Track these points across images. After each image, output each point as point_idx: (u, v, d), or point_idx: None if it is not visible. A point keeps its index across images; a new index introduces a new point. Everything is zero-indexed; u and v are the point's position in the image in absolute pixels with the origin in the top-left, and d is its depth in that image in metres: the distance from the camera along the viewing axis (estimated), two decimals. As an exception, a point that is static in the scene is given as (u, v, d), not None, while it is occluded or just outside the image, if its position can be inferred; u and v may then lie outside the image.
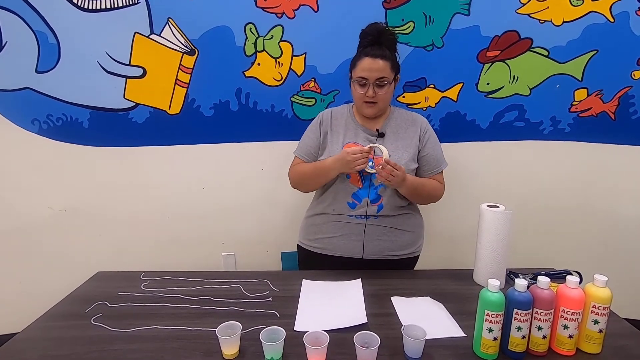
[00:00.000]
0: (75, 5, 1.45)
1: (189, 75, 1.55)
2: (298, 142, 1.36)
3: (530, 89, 1.58)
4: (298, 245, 1.41)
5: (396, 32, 1.28)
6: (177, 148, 1.65)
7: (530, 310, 0.83)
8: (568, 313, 0.84)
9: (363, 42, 1.23)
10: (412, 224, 1.33)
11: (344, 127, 1.30)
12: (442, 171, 1.33)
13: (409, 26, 1.49)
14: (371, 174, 1.22)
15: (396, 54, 1.25)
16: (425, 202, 1.34)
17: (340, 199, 1.28)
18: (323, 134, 1.31)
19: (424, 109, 1.61)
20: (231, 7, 1.47)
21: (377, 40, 1.20)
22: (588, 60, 1.52)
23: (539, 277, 0.85)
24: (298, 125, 1.57)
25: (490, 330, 0.84)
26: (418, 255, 1.37)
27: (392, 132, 1.29)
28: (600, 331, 0.86)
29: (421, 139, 1.29)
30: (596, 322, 0.85)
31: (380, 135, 1.27)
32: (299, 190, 1.35)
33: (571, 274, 1.12)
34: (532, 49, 1.51)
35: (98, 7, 1.46)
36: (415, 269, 1.38)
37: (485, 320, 0.84)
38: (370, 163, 1.22)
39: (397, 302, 1.09)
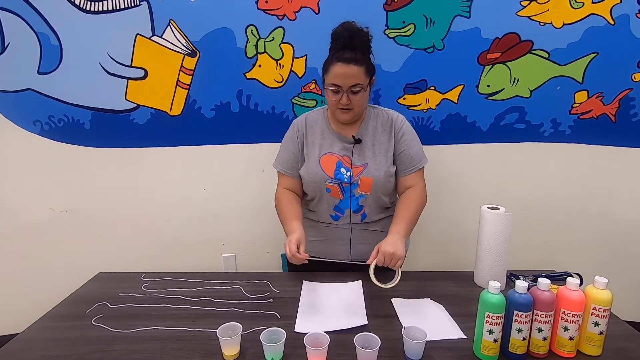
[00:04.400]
0: (78, 7, 1.46)
1: (190, 76, 1.55)
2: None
3: (531, 91, 1.58)
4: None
5: (395, 33, 1.26)
6: (178, 149, 1.66)
7: (531, 312, 0.83)
8: (568, 315, 0.84)
9: (335, 44, 1.13)
10: None
11: (319, 137, 1.24)
12: (420, 169, 1.24)
13: (410, 28, 1.50)
14: (350, 184, 1.20)
15: (371, 55, 1.16)
16: None
17: (323, 211, 1.26)
18: (300, 145, 1.25)
19: (425, 110, 1.62)
20: (232, 9, 1.48)
21: (349, 42, 1.10)
22: (588, 63, 1.52)
23: (540, 279, 0.85)
24: (299, 126, 1.57)
25: (490, 332, 0.84)
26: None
27: (369, 137, 1.23)
28: (601, 333, 0.86)
29: (395, 138, 1.23)
30: (597, 324, 0.85)
31: (357, 141, 1.21)
32: None
33: (572, 276, 1.12)
34: (532, 51, 1.52)
35: (100, 9, 1.46)
36: (415, 270, 1.38)
37: (486, 322, 0.84)
38: (348, 173, 1.19)
39: (398, 303, 1.09)
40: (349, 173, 1.20)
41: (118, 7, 1.47)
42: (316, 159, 1.22)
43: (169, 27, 1.49)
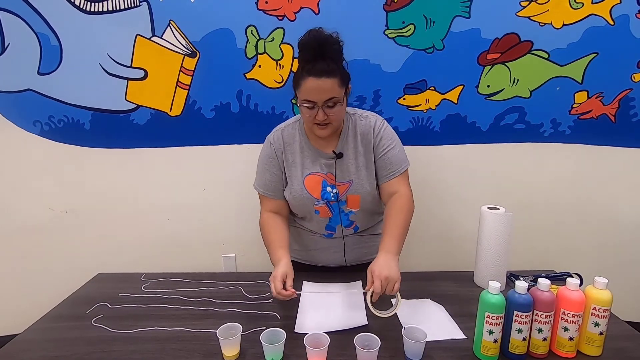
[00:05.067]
0: (78, 7, 1.46)
1: (190, 77, 1.55)
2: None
3: (531, 92, 1.58)
4: None
5: (395, 34, 1.24)
6: (178, 150, 1.66)
7: (531, 312, 0.83)
8: (568, 315, 0.85)
9: (303, 55, 1.03)
10: None
11: (299, 155, 1.17)
12: (402, 174, 1.16)
13: (410, 29, 1.50)
14: (338, 201, 1.16)
15: (344, 62, 1.08)
16: None
17: (315, 229, 1.25)
18: (281, 164, 1.19)
19: (425, 111, 1.62)
20: (232, 10, 1.48)
21: (319, 52, 1.00)
22: (588, 63, 1.52)
23: (540, 279, 0.85)
24: (299, 127, 1.57)
25: (490, 332, 0.84)
26: None
27: (350, 149, 1.16)
28: (601, 333, 0.86)
29: (373, 144, 1.16)
30: (597, 324, 0.86)
31: (339, 156, 1.14)
32: None
33: (572, 276, 1.12)
34: (532, 52, 1.52)
35: (100, 10, 1.46)
36: (415, 271, 1.38)
37: (486, 322, 0.84)
38: (334, 191, 1.16)
39: (398, 304, 1.09)
40: (334, 191, 1.16)
41: (118, 8, 1.47)
42: (300, 181, 1.16)
43: (168, 27, 1.49)
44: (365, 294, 0.98)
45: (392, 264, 0.98)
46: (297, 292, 0.98)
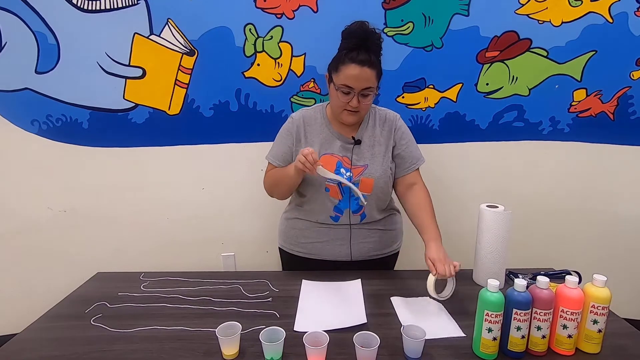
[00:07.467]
0: (75, 6, 1.45)
1: (189, 75, 1.55)
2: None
3: (530, 90, 1.58)
4: (279, 248, 1.39)
5: (394, 32, 1.25)
6: (177, 148, 1.66)
7: (530, 310, 0.83)
8: (567, 313, 0.85)
9: (347, 43, 1.10)
10: (394, 222, 1.34)
11: (318, 136, 1.22)
12: (418, 169, 1.26)
13: (409, 27, 1.50)
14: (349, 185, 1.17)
15: (380, 58, 1.14)
16: None
17: (322, 211, 1.25)
18: (297, 141, 1.23)
19: (424, 109, 1.62)
20: (231, 8, 1.47)
21: (364, 43, 1.08)
22: (587, 61, 1.52)
23: (538, 277, 0.85)
24: (298, 125, 1.57)
25: (489, 330, 0.84)
26: (398, 251, 1.39)
27: (368, 137, 1.22)
28: (600, 331, 0.86)
29: (394, 137, 1.24)
30: (595, 321, 0.86)
31: (357, 142, 1.20)
32: (275, 197, 1.30)
33: (570, 274, 1.12)
34: (531, 50, 1.52)
35: (98, 8, 1.46)
36: (414, 269, 1.38)
37: (485, 320, 0.84)
38: (348, 174, 1.18)
39: (397, 302, 1.09)
40: (348, 173, 1.19)
41: (116, 6, 1.46)
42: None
43: (167, 26, 1.49)
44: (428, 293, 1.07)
45: (443, 250, 1.11)
46: (320, 169, 1.07)
